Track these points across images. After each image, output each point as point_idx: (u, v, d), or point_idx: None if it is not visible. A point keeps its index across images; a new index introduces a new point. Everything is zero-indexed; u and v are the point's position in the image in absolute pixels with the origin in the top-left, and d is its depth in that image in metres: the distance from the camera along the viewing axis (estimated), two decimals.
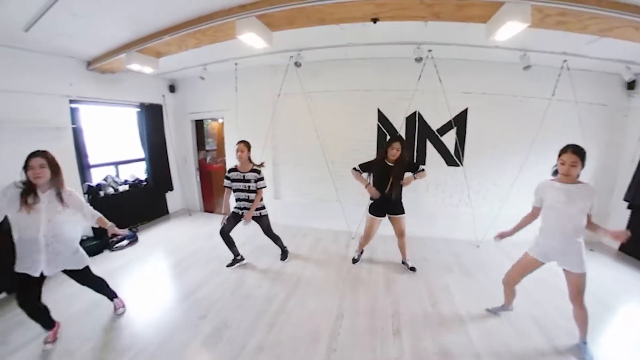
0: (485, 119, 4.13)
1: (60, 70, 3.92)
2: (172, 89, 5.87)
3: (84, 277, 2.54)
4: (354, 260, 3.76)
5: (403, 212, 3.38)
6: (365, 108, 4.46)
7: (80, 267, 2.44)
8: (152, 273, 3.71)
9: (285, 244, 4.00)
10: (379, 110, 4.41)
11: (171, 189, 6.02)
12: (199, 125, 6.21)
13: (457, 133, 4.14)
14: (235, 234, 3.61)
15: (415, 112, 4.23)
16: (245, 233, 4.66)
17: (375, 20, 2.59)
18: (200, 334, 2.52)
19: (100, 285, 2.71)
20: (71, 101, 4.13)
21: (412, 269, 3.49)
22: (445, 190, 4.42)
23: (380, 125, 4.42)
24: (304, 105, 4.64)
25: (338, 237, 4.62)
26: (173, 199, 6.16)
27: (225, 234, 3.56)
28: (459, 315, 2.72)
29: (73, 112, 4.19)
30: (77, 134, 4.25)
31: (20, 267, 2.18)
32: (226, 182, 3.55)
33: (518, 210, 4.18)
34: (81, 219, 2.44)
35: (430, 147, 4.35)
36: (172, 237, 4.86)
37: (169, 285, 3.42)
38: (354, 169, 3.35)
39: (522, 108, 4.10)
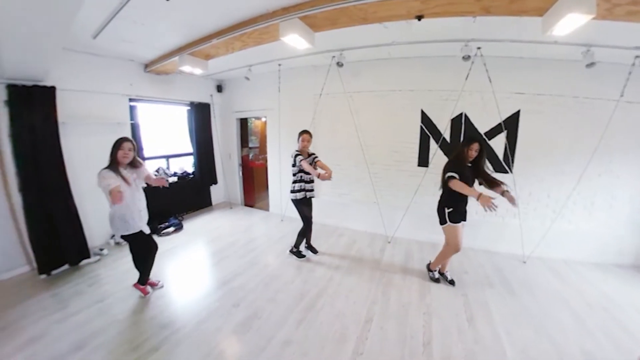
0: (539, 122, 3.75)
1: (122, 72, 4.39)
2: (219, 88, 6.21)
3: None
4: (435, 280, 3.35)
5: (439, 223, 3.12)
6: (408, 109, 4.30)
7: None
8: (194, 259, 4.01)
9: (320, 242, 4.06)
10: (422, 111, 4.22)
11: (215, 182, 6.41)
12: (243, 123, 6.51)
13: (508, 137, 3.82)
14: (275, 229, 3.71)
15: (461, 114, 3.99)
16: (285, 229, 4.81)
17: (420, 18, 2.48)
18: (232, 321, 2.67)
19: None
20: (130, 100, 4.61)
21: (451, 282, 3.29)
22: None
23: (424, 127, 4.25)
24: (344, 105, 4.63)
25: (374, 240, 4.54)
26: (216, 192, 6.56)
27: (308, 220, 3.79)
28: (497, 335, 2.52)
29: (132, 109, 4.67)
30: (134, 129, 4.71)
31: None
32: (300, 157, 3.49)
33: (574, 227, 3.87)
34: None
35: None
36: (213, 228, 5.16)
37: (208, 272, 3.65)
38: (453, 177, 2.80)
39: (583, 111, 3.63)
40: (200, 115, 5.85)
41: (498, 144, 3.91)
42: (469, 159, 2.90)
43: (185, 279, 3.45)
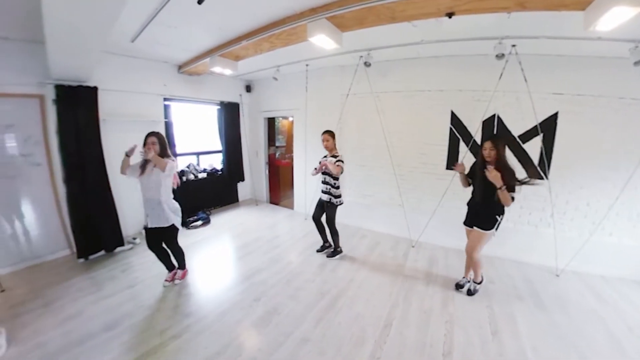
0: (579, 125, 3.46)
1: (157, 73, 4.67)
2: (248, 89, 6.39)
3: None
4: (459, 286, 3.23)
5: (481, 226, 2.85)
6: (437, 110, 4.16)
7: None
8: (219, 253, 4.16)
9: (342, 242, 4.04)
10: (452, 112, 4.07)
11: (242, 179, 6.59)
12: (271, 122, 6.64)
13: (544, 141, 3.58)
14: (299, 227, 3.76)
15: (493, 115, 3.80)
16: (308, 228, 4.85)
17: (450, 15, 2.39)
18: (252, 314, 2.74)
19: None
20: (165, 99, 4.89)
21: (468, 291, 3.14)
22: (523, 205, 3.83)
23: (453, 129, 4.09)
24: (372, 105, 4.58)
25: (398, 243, 4.45)
26: (243, 189, 6.75)
27: (315, 219, 3.90)
28: (523, 351, 2.36)
29: (166, 108, 4.94)
30: (168, 127, 4.97)
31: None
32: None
33: (616, 240, 3.56)
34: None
35: (509, 155, 3.81)
36: (239, 223, 5.31)
37: (232, 266, 3.77)
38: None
39: (630, 113, 3.29)
40: (230, 114, 6.04)
41: (533, 148, 3.67)
42: (488, 160, 2.69)
43: (210, 271, 3.59)
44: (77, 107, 3.54)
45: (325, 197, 3.72)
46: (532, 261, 3.84)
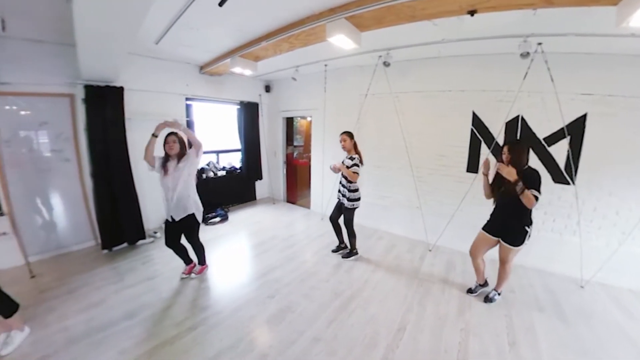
0: (610, 127, 3.24)
1: (180, 74, 4.83)
2: (267, 89, 6.48)
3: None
4: (470, 291, 3.18)
5: (513, 243, 2.71)
6: (458, 110, 4.05)
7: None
8: (236, 249, 4.24)
9: (358, 244, 4.02)
10: (474, 113, 3.95)
11: (260, 178, 6.68)
12: (289, 122, 6.71)
13: (571, 144, 3.39)
14: (315, 227, 3.78)
15: (517, 117, 3.65)
16: (324, 228, 4.85)
17: (472, 13, 2.32)
18: (266, 311, 2.78)
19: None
20: (187, 99, 5.06)
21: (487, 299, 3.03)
22: (547, 211, 3.66)
23: (475, 130, 3.97)
24: (390, 105, 4.52)
25: (414, 246, 4.37)
26: (261, 187, 6.85)
27: (333, 220, 3.91)
28: None
29: (187, 107, 5.11)
30: (189, 126, 5.14)
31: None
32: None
33: None
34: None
35: (533, 159, 3.65)
36: (256, 221, 5.39)
37: (248, 262, 3.83)
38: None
39: None
40: (249, 113, 6.14)
41: (560, 151, 3.50)
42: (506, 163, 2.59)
43: (226, 266, 3.67)
44: (104, 106, 3.71)
45: (342, 200, 3.72)
46: (555, 271, 3.66)
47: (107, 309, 2.73)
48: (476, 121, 3.95)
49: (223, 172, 5.98)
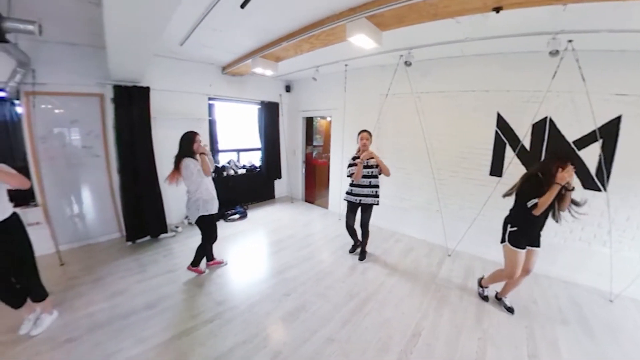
0: None
1: (203, 74, 4.98)
2: (287, 89, 6.55)
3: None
4: (483, 298, 3.09)
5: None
6: (482, 111, 3.91)
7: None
8: (254, 246, 4.32)
9: (375, 246, 3.99)
10: (498, 114, 3.79)
11: (279, 177, 6.77)
12: (309, 122, 6.74)
13: (603, 147, 3.17)
14: (332, 227, 3.77)
15: (545, 118, 3.48)
16: (341, 229, 4.81)
17: (498, 10, 2.23)
18: (281, 308, 2.81)
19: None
20: (209, 98, 5.21)
21: (510, 309, 2.88)
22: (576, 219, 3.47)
23: (499, 132, 3.82)
24: (411, 106, 4.44)
25: (433, 250, 4.26)
26: (280, 186, 6.94)
27: (349, 227, 3.88)
28: None
29: (210, 107, 5.25)
30: (211, 125, 5.29)
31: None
32: (351, 169, 3.59)
33: None
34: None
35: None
36: (274, 219, 5.46)
37: (265, 259, 3.90)
38: (536, 205, 2.41)
39: None
40: (270, 113, 6.23)
41: (591, 156, 3.30)
42: (558, 181, 2.33)
43: (243, 263, 3.74)
44: (131, 105, 3.90)
45: (370, 200, 3.64)
46: (582, 282, 3.45)
47: (129, 298, 2.87)
48: (501, 122, 3.80)
49: (243, 171, 6.11)
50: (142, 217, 4.09)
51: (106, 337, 2.35)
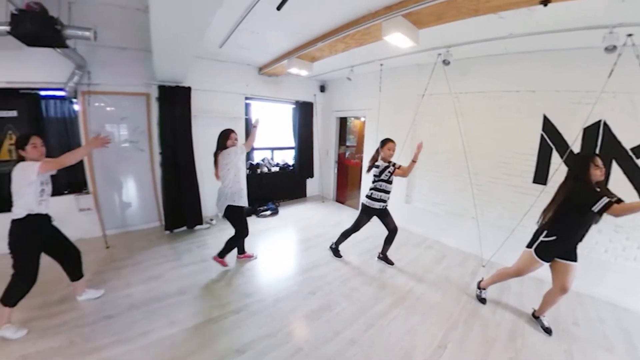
0: None
1: (240, 75, 5.20)
2: (322, 89, 6.59)
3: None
4: (481, 300, 3.06)
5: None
6: (526, 113, 3.63)
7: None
8: (283, 243, 4.44)
9: (405, 251, 3.90)
10: (545, 117, 3.50)
11: (312, 176, 6.84)
12: (343, 122, 6.73)
13: None
14: (363, 229, 3.68)
15: (598, 122, 3.14)
16: (371, 231, 4.64)
17: (546, 3, 2.06)
18: (306, 306, 2.82)
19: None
20: (246, 98, 5.41)
21: (547, 330, 2.63)
22: (630, 235, 3.06)
23: (545, 136, 3.52)
24: (449, 107, 4.24)
25: (466, 259, 4.03)
26: (311, 185, 7.02)
27: (353, 233, 3.78)
28: None
29: (246, 106, 5.45)
30: (247, 123, 5.47)
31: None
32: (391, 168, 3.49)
33: None
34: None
35: (616, 171, 3.10)
36: (305, 217, 5.54)
37: (293, 256, 3.98)
38: (610, 203, 2.15)
39: None
40: (304, 113, 6.32)
41: None
42: (593, 180, 2.24)
43: (272, 258, 3.83)
44: (174, 104, 4.18)
45: (383, 205, 3.54)
46: (632, 306, 3.04)
47: (164, 283, 3.08)
48: (547, 126, 3.51)
49: (276, 168, 6.27)
50: (180, 208, 4.36)
51: (141, 317, 2.55)
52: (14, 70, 3.38)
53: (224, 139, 3.18)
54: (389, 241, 3.72)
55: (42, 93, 3.72)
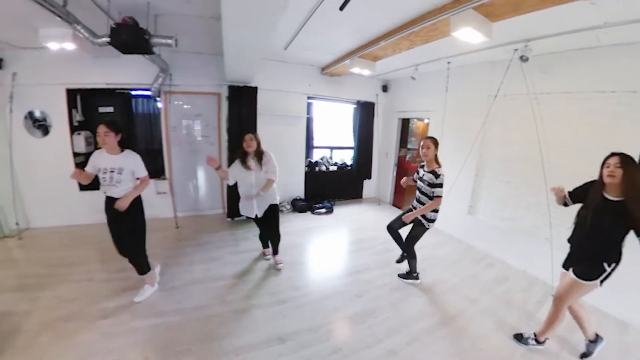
0: None
1: (303, 75, 5.40)
2: (384, 88, 6.43)
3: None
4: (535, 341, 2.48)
5: (582, 275, 2.11)
6: (626, 118, 2.97)
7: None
8: (335, 242, 4.50)
9: (461, 266, 3.62)
10: None
11: (369, 177, 6.75)
12: (405, 123, 6.46)
13: None
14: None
15: None
16: (427, 241, 4.07)
17: None
18: (350, 308, 2.81)
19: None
20: (308, 97, 5.58)
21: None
22: None
23: None
24: (526, 109, 3.71)
25: (532, 285, 3.45)
26: (368, 187, 6.92)
27: (392, 229, 3.43)
28: None
29: (308, 105, 5.63)
30: (308, 122, 5.68)
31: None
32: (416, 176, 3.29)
33: None
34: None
35: None
36: (359, 219, 5.50)
37: (344, 257, 4.01)
38: None
39: None
40: (365, 113, 6.25)
41: None
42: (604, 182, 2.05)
43: (323, 255, 3.93)
44: (241, 103, 4.55)
45: (420, 219, 3.15)
46: None
47: (221, 265, 3.43)
48: None
49: (334, 168, 6.35)
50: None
51: (198, 292, 2.88)
52: (112, 74, 4.16)
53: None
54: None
55: (133, 93, 4.50)
